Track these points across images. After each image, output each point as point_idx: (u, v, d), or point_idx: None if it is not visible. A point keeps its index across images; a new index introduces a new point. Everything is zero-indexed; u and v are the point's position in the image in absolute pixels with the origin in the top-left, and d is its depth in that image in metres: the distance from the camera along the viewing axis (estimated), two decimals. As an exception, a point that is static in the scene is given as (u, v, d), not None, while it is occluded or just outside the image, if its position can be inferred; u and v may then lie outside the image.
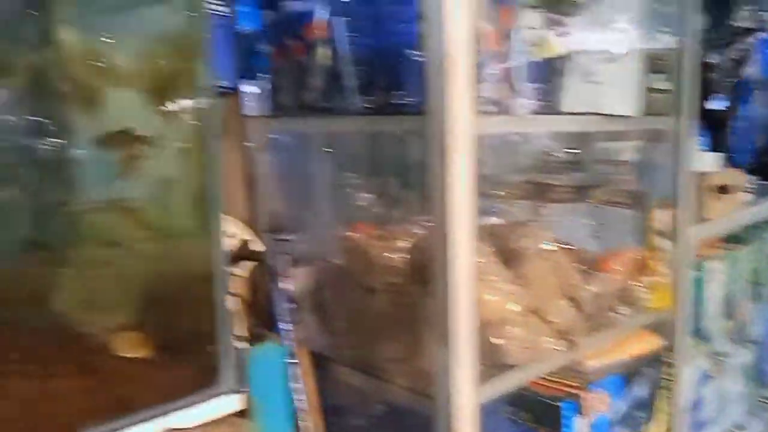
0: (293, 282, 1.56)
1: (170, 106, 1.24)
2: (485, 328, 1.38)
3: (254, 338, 1.32)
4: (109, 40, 1.16)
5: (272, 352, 1.34)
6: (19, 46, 1.15)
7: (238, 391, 1.25)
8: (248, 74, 1.57)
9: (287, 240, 1.61)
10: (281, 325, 1.49)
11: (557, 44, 1.64)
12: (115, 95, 1.19)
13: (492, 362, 1.41)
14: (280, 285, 1.53)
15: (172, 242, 1.28)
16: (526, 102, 1.54)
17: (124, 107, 1.22)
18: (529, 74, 1.54)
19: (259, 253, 1.47)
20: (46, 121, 1.15)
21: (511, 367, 1.44)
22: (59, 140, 1.15)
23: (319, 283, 1.63)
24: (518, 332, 1.44)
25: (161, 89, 1.22)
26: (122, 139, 1.18)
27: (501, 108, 1.47)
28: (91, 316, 1.22)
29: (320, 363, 1.56)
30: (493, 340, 1.42)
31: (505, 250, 1.51)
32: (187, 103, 1.24)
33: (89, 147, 1.20)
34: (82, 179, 1.24)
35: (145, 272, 1.26)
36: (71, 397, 1.11)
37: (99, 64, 1.15)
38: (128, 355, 1.19)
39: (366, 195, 1.74)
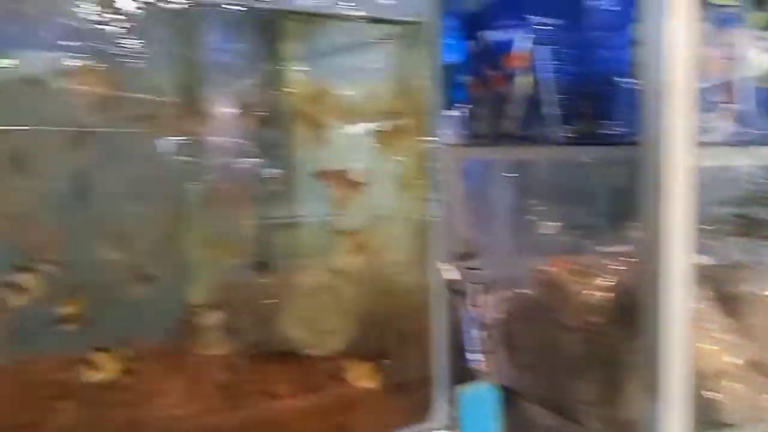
0: (484, 312, 1.54)
1: (396, 142, 1.28)
2: (699, 380, 1.25)
3: (466, 375, 1.31)
4: (336, 79, 1.24)
5: (484, 391, 1.31)
6: (254, 84, 1.27)
7: (449, 429, 1.23)
8: (446, 104, 1.59)
9: (478, 269, 1.59)
10: (471, 356, 1.48)
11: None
12: (339, 131, 1.26)
13: (705, 418, 1.27)
14: (471, 315, 1.52)
15: (390, 273, 1.31)
16: (749, 131, 1.39)
17: (347, 143, 1.29)
18: (753, 100, 1.40)
19: (454, 282, 1.47)
20: (274, 152, 1.25)
21: (728, 425, 1.30)
22: (284, 171, 1.25)
23: (509, 315, 1.59)
24: (737, 387, 1.30)
25: (387, 125, 1.28)
26: (335, 177, 1.24)
27: (722, 138, 1.35)
28: (313, 339, 1.28)
29: (508, 397, 1.52)
30: (708, 394, 1.28)
31: (723, 294, 1.37)
32: (411, 137, 1.28)
33: (311, 179, 1.28)
34: (304, 208, 1.33)
35: (362, 300, 1.30)
36: (293, 416, 1.17)
37: (326, 101, 1.23)
38: (355, 384, 1.22)
39: (562, 227, 1.68)
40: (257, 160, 1.33)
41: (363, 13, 1.12)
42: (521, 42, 1.46)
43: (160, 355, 1.31)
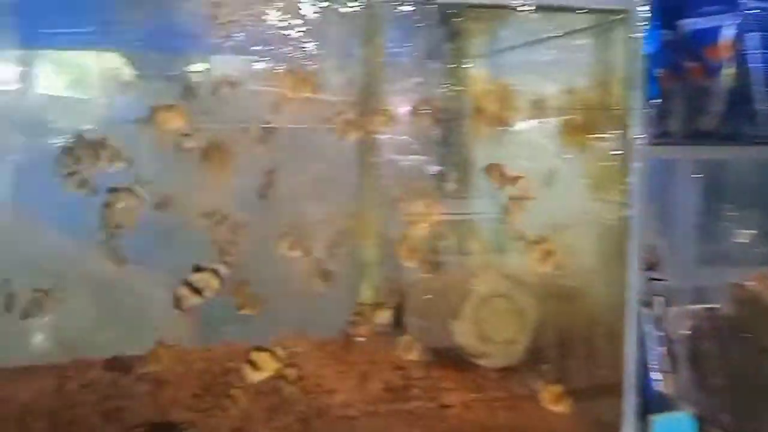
0: (668, 327, 1.41)
1: (585, 140, 1.20)
2: None
3: (655, 397, 1.20)
4: (522, 75, 1.17)
5: (680, 421, 1.19)
6: (431, 82, 1.24)
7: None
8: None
9: (662, 279, 1.45)
10: (652, 375, 1.35)
11: None
12: (521, 129, 1.20)
13: None
14: (654, 330, 1.39)
15: (575, 281, 1.22)
16: None
17: (529, 141, 1.22)
18: None
19: (639, 293, 1.35)
20: (451, 150, 1.22)
21: None
22: (461, 170, 1.21)
23: (697, 332, 1.44)
24: None
25: (576, 123, 1.19)
26: (497, 174, 1.16)
27: None
28: (487, 348, 1.24)
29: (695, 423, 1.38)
30: None
31: None
32: (602, 135, 1.18)
33: (482, 179, 1.23)
34: (480, 209, 1.28)
35: (543, 310, 1.23)
36: (461, 425, 1.13)
37: (507, 98, 1.17)
38: (535, 401, 1.15)
39: (759, 235, 1.50)
40: (434, 158, 1.30)
41: (562, 3, 1.04)
42: (728, 30, 1.30)
43: (331, 351, 1.33)
